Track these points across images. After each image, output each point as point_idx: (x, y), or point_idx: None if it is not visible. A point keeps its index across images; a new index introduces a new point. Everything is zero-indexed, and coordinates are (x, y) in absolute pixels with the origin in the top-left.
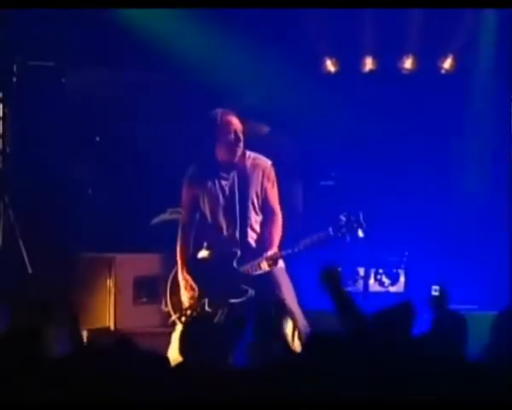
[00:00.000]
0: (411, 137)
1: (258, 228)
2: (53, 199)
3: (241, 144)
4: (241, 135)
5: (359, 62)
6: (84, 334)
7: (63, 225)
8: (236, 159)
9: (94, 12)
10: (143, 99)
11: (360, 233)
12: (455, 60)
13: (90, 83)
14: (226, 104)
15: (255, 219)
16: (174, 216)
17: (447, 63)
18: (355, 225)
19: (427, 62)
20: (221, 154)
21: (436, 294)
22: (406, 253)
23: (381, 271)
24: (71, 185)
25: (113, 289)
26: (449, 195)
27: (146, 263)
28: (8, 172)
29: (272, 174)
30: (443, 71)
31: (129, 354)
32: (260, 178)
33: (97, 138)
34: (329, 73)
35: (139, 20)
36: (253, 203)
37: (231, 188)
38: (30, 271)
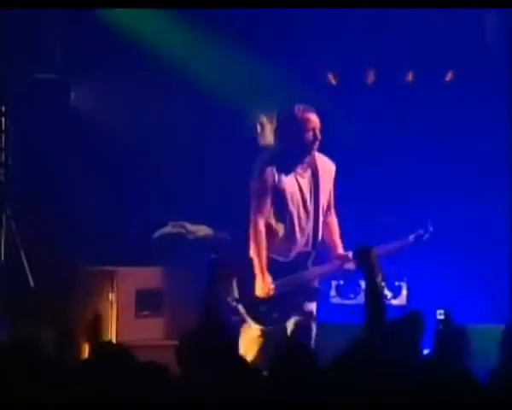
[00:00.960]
0: (413, 151)
1: (326, 229)
2: (55, 211)
3: (318, 143)
4: (318, 134)
5: (361, 75)
6: (86, 347)
7: (65, 238)
8: (311, 158)
9: (92, 21)
10: (146, 109)
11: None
12: (454, 74)
13: (92, 93)
14: (227, 118)
15: (324, 220)
16: (176, 229)
17: (448, 77)
18: (428, 235)
19: (427, 76)
20: (298, 151)
21: (442, 317)
22: (409, 266)
23: (383, 283)
24: (73, 198)
25: (114, 302)
26: (450, 208)
27: (148, 276)
28: (10, 184)
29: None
30: (443, 83)
31: (129, 366)
32: (328, 179)
33: (99, 151)
34: (331, 85)
35: (138, 27)
36: (322, 204)
37: (308, 186)
38: (32, 283)
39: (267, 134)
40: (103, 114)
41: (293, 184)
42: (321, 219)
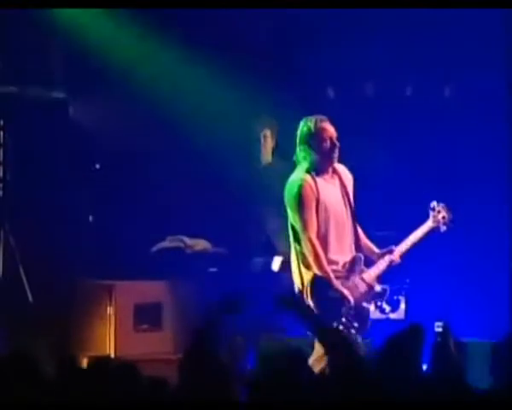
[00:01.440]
0: (413, 165)
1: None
2: (54, 226)
3: (337, 151)
4: (336, 142)
5: (360, 88)
6: (84, 361)
7: (64, 252)
8: (334, 167)
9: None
10: (144, 125)
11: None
12: (455, 87)
13: (91, 109)
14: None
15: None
16: (174, 244)
17: (447, 91)
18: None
19: (428, 89)
20: (321, 162)
21: (440, 330)
22: (407, 280)
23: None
24: (71, 212)
25: (113, 316)
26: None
27: (146, 290)
28: (9, 200)
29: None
30: (443, 97)
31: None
32: (351, 187)
33: (97, 166)
34: (331, 98)
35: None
36: (354, 209)
37: (340, 194)
38: (30, 298)
39: (268, 148)
40: (101, 129)
41: (329, 193)
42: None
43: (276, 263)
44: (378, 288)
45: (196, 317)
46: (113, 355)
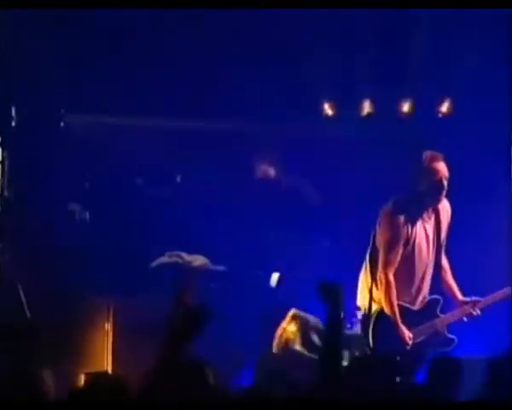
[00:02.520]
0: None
1: (442, 272)
2: (51, 242)
3: (444, 192)
4: (445, 183)
5: (357, 106)
6: (82, 377)
7: (61, 269)
8: (436, 205)
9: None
10: (142, 141)
11: None
12: (452, 103)
13: (89, 126)
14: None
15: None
16: (172, 259)
17: (445, 107)
18: None
19: (425, 106)
20: (426, 199)
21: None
22: None
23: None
24: (69, 228)
25: (111, 333)
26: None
27: (144, 307)
28: (6, 216)
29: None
30: (440, 115)
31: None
32: (447, 220)
33: (91, 183)
34: (327, 116)
35: None
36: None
37: (432, 233)
38: (28, 315)
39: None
40: (101, 145)
41: (421, 232)
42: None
43: (274, 279)
44: (448, 335)
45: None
46: (110, 372)
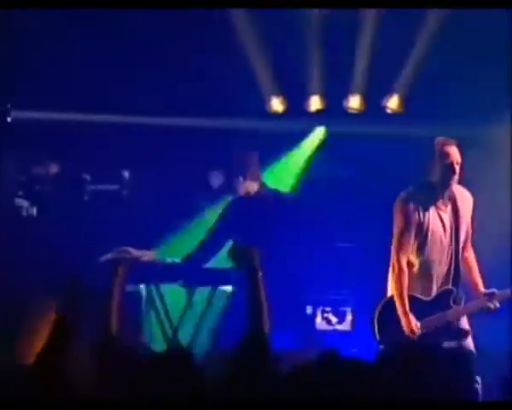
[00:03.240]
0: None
1: (464, 265)
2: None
3: (456, 177)
4: (457, 167)
5: (306, 101)
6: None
7: (6, 264)
8: (449, 192)
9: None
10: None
11: None
12: (401, 98)
13: (38, 122)
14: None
15: (462, 255)
16: (120, 255)
17: (393, 102)
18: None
19: (374, 101)
20: (438, 185)
21: None
22: (352, 291)
23: (328, 309)
24: (16, 225)
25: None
26: None
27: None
28: None
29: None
30: (389, 110)
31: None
32: (468, 212)
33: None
34: (276, 112)
35: None
36: (462, 239)
37: (449, 222)
38: None
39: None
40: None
41: (435, 220)
42: (461, 255)
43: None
44: (461, 327)
45: None
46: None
